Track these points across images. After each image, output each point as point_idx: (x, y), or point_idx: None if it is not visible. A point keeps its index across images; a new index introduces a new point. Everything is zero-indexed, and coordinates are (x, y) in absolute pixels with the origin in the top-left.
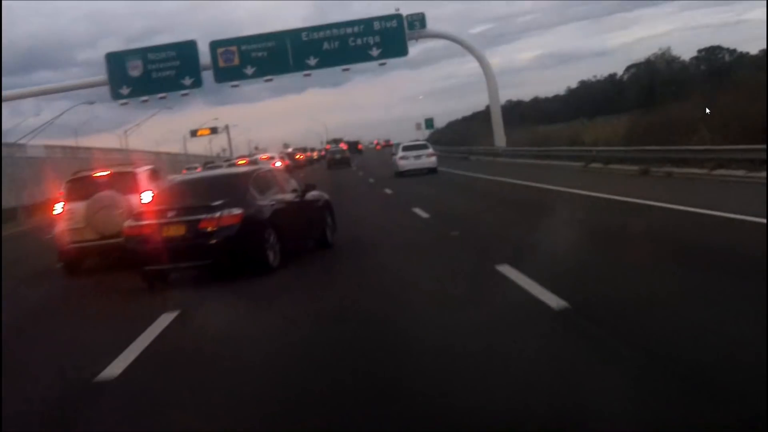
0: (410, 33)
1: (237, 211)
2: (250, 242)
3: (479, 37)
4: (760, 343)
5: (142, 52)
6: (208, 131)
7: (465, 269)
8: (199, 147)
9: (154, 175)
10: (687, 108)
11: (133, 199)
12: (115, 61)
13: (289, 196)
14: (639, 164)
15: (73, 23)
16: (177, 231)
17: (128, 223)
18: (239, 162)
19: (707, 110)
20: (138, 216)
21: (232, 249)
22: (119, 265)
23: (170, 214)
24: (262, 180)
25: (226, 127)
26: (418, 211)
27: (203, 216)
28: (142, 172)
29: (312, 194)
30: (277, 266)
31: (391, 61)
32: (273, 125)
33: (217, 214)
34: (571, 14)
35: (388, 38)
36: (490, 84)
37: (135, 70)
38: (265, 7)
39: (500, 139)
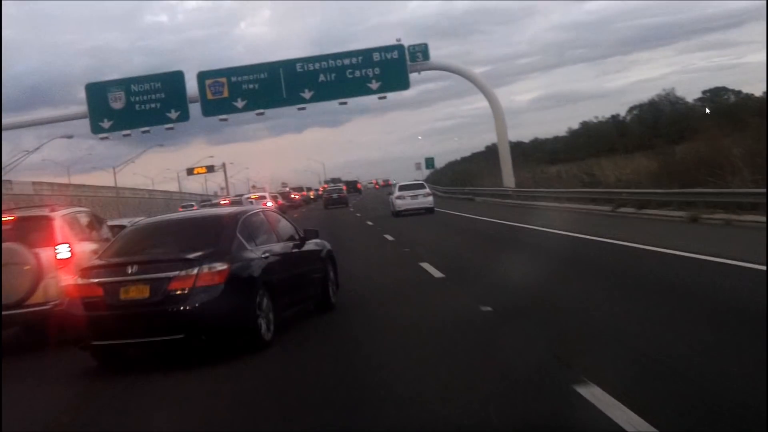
0: (412, 65)
1: (221, 266)
2: (237, 309)
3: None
4: None
5: (125, 83)
6: (204, 169)
7: (525, 377)
8: (196, 185)
9: (87, 220)
10: (710, 147)
11: (45, 253)
12: (96, 93)
13: (285, 246)
14: (682, 209)
15: (74, 59)
16: (138, 292)
17: (73, 281)
18: (222, 203)
19: (707, 110)
20: (86, 272)
21: (213, 318)
22: (54, 340)
23: (130, 269)
24: (253, 224)
25: (223, 165)
26: (427, 267)
27: (175, 273)
28: (63, 216)
29: (312, 243)
30: (270, 339)
31: (390, 101)
32: (272, 164)
33: (194, 271)
34: (569, 57)
35: (389, 70)
36: (498, 120)
37: (117, 102)
38: (271, 44)
39: (509, 179)
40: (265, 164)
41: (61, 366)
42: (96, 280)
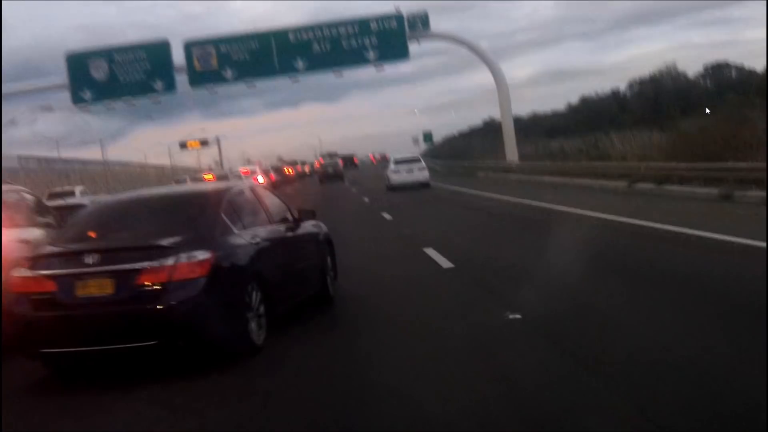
0: (412, 33)
1: (202, 254)
2: (222, 308)
3: None
4: None
5: (107, 53)
6: (198, 143)
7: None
8: (190, 160)
9: (22, 201)
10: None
11: None
12: (76, 62)
13: (278, 229)
14: (710, 185)
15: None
16: (100, 288)
17: (15, 272)
18: (206, 178)
19: (707, 110)
20: (34, 262)
21: (193, 320)
22: None
23: (90, 258)
24: (240, 203)
25: (217, 139)
26: (433, 254)
27: (145, 264)
28: None
29: (309, 225)
30: (261, 344)
31: (388, 77)
32: (268, 139)
33: (170, 261)
34: (568, 33)
35: (387, 39)
36: (502, 93)
37: (98, 71)
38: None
39: (512, 153)
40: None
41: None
42: (47, 272)
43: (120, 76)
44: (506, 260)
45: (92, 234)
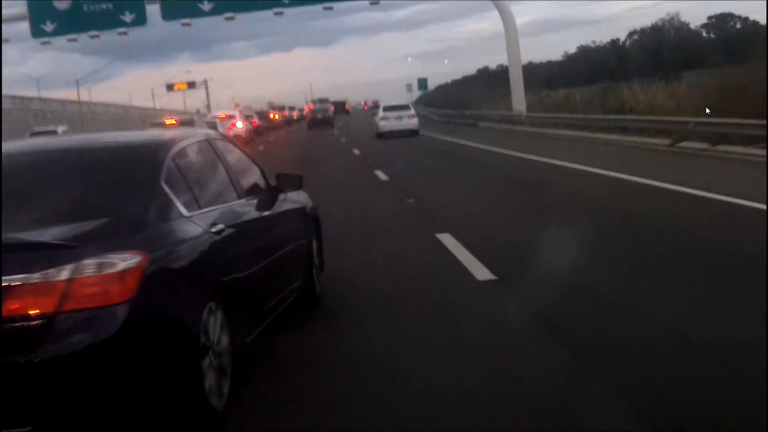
0: None
1: (125, 259)
2: (159, 361)
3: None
4: None
5: None
6: (185, 85)
7: None
8: (177, 103)
9: None
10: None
11: None
12: None
13: (249, 206)
14: None
15: None
16: None
17: None
18: (167, 123)
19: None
20: None
21: (101, 388)
22: None
23: None
24: (193, 167)
25: (205, 82)
26: (451, 244)
27: (17, 278)
28: None
29: (289, 198)
30: (223, 407)
31: (381, 22)
32: (259, 84)
33: (64, 273)
34: None
35: None
36: (510, 37)
37: (61, 1)
38: None
39: (520, 103)
40: (251, 84)
41: None
42: None
43: (84, 6)
44: (559, 266)
45: None
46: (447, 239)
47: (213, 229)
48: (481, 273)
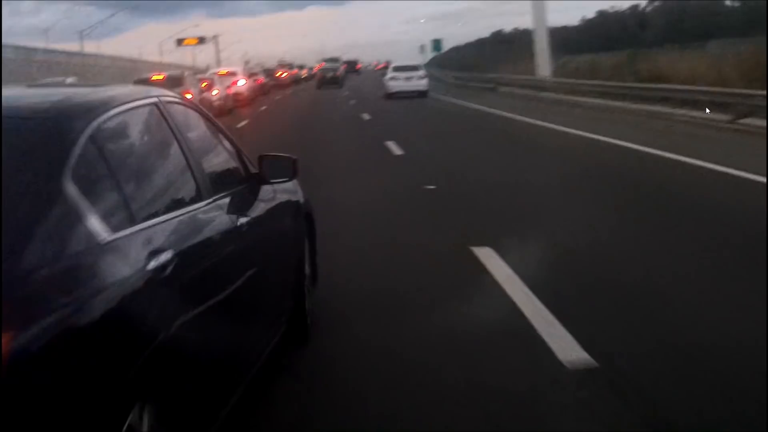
0: None
1: None
2: None
3: None
4: None
5: None
6: (195, 41)
7: None
8: (188, 58)
9: None
10: None
11: None
12: None
13: (213, 210)
14: None
15: None
16: None
17: None
18: (153, 79)
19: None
20: None
21: None
22: None
23: None
24: (123, 150)
25: (215, 38)
26: (490, 259)
27: None
28: None
29: (276, 192)
30: None
31: None
32: (271, 42)
33: None
34: None
35: None
36: None
37: None
38: None
39: (544, 67)
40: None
41: None
42: None
43: None
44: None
45: None
46: (488, 257)
47: (152, 263)
48: (566, 348)
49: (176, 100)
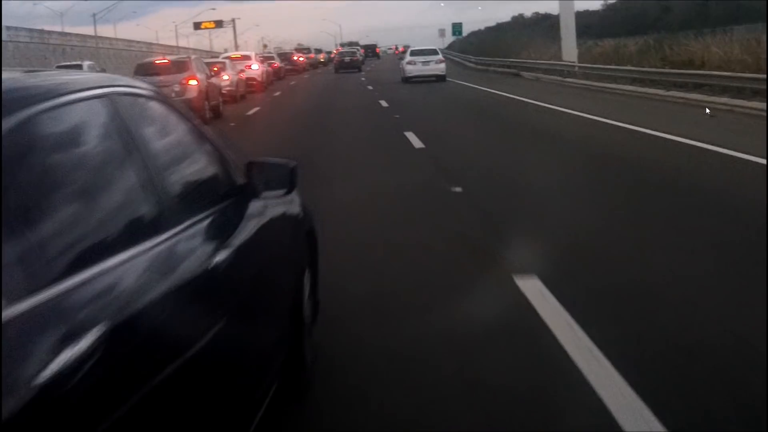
0: None
1: None
2: None
3: None
4: None
5: None
6: (212, 24)
7: None
8: (205, 42)
9: None
10: None
11: None
12: None
13: (182, 242)
14: None
15: None
16: None
17: None
18: (157, 63)
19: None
20: None
21: None
22: None
23: None
24: (55, 164)
25: (232, 21)
26: (536, 292)
27: None
28: None
29: (269, 206)
30: None
31: None
32: (290, 26)
33: None
34: None
35: None
36: None
37: None
38: None
39: (570, 52)
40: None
41: None
42: None
43: None
44: None
45: None
46: (533, 289)
47: (64, 355)
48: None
49: (141, 92)
